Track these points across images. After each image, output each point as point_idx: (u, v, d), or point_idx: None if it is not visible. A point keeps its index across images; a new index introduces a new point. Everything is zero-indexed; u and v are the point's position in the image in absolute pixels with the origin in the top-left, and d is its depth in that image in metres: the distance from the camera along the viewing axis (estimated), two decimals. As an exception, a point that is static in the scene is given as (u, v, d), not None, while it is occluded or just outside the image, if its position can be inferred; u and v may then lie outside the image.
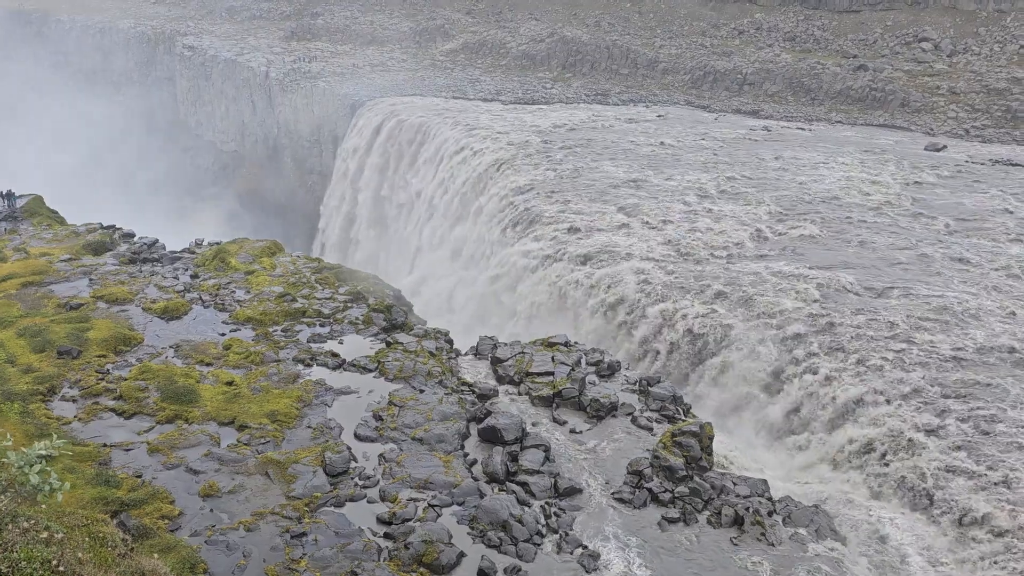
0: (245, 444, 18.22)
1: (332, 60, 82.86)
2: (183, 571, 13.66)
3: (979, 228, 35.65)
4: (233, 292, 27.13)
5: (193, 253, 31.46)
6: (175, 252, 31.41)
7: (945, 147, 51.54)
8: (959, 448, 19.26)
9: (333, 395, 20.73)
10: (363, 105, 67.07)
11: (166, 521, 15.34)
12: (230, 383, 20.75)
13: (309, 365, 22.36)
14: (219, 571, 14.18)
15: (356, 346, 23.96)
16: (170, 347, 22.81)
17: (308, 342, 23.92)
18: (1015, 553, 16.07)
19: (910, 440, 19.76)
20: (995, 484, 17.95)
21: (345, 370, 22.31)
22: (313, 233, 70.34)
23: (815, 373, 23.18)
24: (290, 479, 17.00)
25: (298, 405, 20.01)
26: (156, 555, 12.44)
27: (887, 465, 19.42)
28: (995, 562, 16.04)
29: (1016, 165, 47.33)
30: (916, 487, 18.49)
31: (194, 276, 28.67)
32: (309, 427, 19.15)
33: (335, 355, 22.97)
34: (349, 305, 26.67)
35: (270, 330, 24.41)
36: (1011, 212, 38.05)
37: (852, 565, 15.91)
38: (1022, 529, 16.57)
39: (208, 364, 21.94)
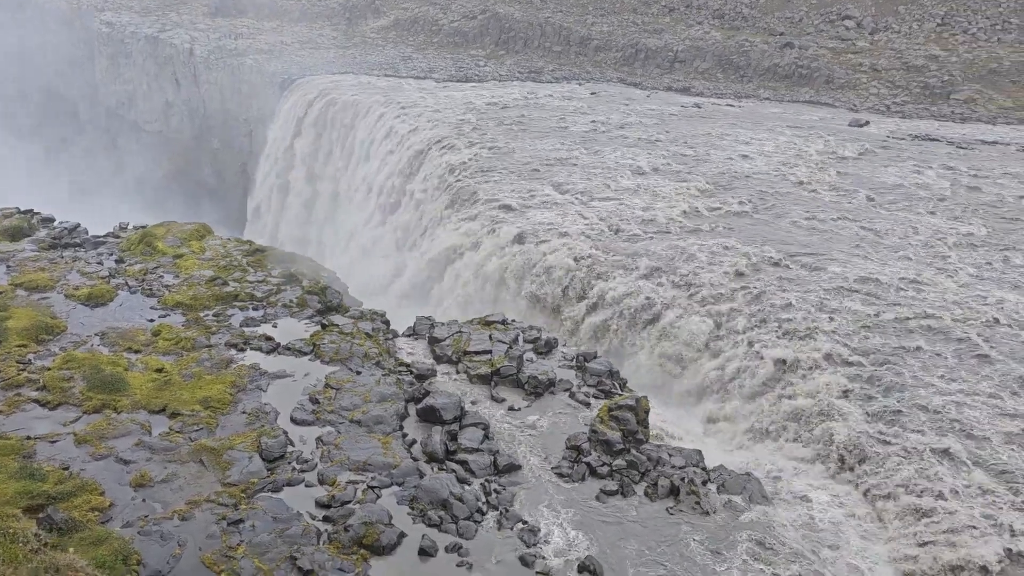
0: (177, 432, 17.83)
1: (259, 37, 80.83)
2: (116, 563, 13.35)
3: (900, 201, 36.89)
4: (161, 277, 26.42)
5: (117, 237, 30.47)
6: (98, 237, 30.34)
7: (868, 123, 53.08)
8: (881, 414, 20.01)
9: (268, 379, 20.43)
10: (293, 83, 65.62)
11: (96, 513, 14.94)
12: (160, 370, 20.26)
13: (242, 349, 21.97)
14: (153, 562, 13.90)
15: (291, 329, 23.63)
16: (96, 335, 22.12)
17: (241, 326, 23.50)
18: (933, 513, 16.80)
19: (834, 407, 20.44)
20: (914, 447, 18.71)
21: (280, 354, 22.00)
22: (244, 215, 68.80)
23: (745, 345, 23.74)
24: (225, 466, 16.72)
25: (232, 390, 19.65)
26: (72, 549, 12.11)
27: (813, 432, 20.07)
28: (915, 522, 16.76)
29: (934, 140, 49.04)
30: (841, 452, 19.16)
31: (119, 261, 27.79)
32: (244, 412, 18.85)
33: (269, 339, 22.62)
34: (283, 288, 26.24)
35: (201, 315, 23.88)
36: (929, 185, 39.46)
37: (782, 529, 16.45)
38: (939, 490, 17.32)
39: (137, 351, 21.36)
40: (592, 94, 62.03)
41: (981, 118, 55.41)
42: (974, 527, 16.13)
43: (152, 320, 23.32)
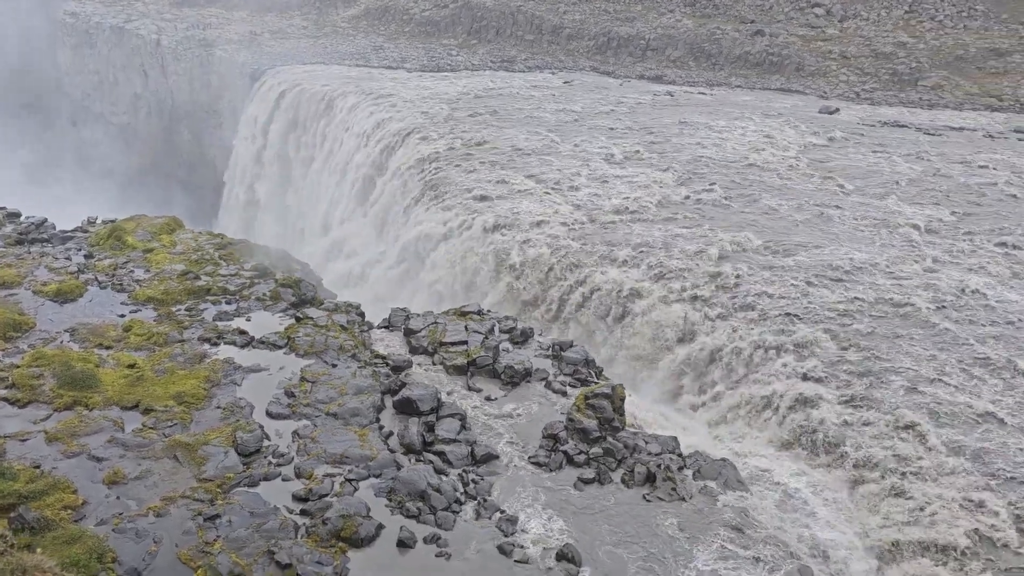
0: (151, 428, 17.65)
1: (228, 27, 79.84)
2: (90, 561, 13.22)
3: (869, 187, 37.31)
4: (132, 271, 26.11)
5: (86, 232, 30.04)
6: (66, 232, 29.91)
7: (838, 110, 53.56)
8: (853, 397, 20.28)
9: (242, 373, 20.28)
10: (264, 74, 64.95)
11: (69, 512, 14.77)
12: (132, 366, 20.02)
13: (216, 344, 21.79)
14: (129, 559, 13.77)
15: (265, 323, 23.46)
16: (65, 331, 21.81)
17: (214, 320, 23.30)
18: (905, 493, 17.09)
19: (808, 392, 20.69)
20: (886, 429, 19.00)
21: (254, 347, 21.84)
22: (215, 208, 68.11)
23: (720, 332, 23.93)
24: (200, 461, 16.59)
25: (206, 385, 19.49)
26: (41, 550, 11.97)
27: (788, 416, 20.30)
28: (887, 502, 17.04)
29: (902, 126, 49.61)
30: (815, 436, 19.41)
31: (88, 256, 27.41)
32: (218, 407, 18.69)
33: (243, 332, 22.45)
34: (256, 281, 26.04)
35: (173, 309, 23.65)
36: (898, 171, 39.93)
37: (758, 514, 16.63)
38: (910, 470, 17.62)
39: (108, 347, 21.10)
40: (565, 83, 61.99)
41: (948, 104, 56.10)
42: (945, 506, 16.42)
43: (123, 315, 23.04)
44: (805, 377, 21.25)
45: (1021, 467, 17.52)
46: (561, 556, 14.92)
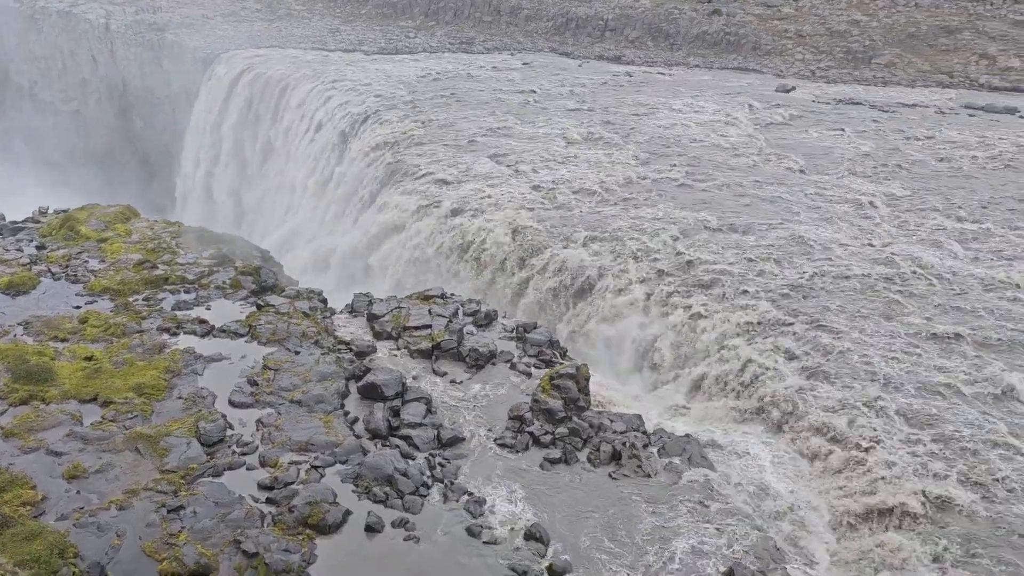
0: (111, 420, 17.36)
1: (179, 10, 78.16)
2: (51, 557, 13.01)
3: (825, 164, 37.86)
4: (86, 262, 25.57)
5: (37, 223, 29.31)
6: (16, 223, 29.15)
7: (794, 88, 54.18)
8: (811, 370, 20.66)
9: (203, 363, 20.02)
10: (217, 59, 63.74)
11: (28, 508, 14.50)
12: (89, 358, 19.65)
13: (175, 334, 21.47)
14: (91, 554, 13.58)
15: (225, 311, 23.17)
16: (19, 324, 21.31)
17: (173, 310, 22.94)
18: (862, 462, 17.49)
19: (768, 366, 21.03)
20: (842, 400, 19.41)
21: (215, 336, 21.58)
22: (171, 196, 66.91)
23: (681, 309, 24.18)
24: (162, 452, 16.38)
25: (166, 376, 19.21)
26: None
27: (748, 391, 20.63)
28: (845, 471, 17.44)
29: (856, 104, 50.38)
30: (775, 410, 19.76)
31: (40, 247, 26.78)
32: (180, 397, 18.45)
33: (203, 322, 22.15)
34: (215, 269, 25.67)
35: (130, 300, 23.22)
36: (854, 148, 40.57)
37: (721, 487, 16.91)
38: (867, 439, 18.03)
39: (63, 340, 20.67)
40: (524, 64, 61.80)
41: (901, 81, 57.07)
42: (900, 474, 16.84)
43: (78, 307, 22.57)
44: (764, 352, 21.58)
45: (971, 434, 18.02)
46: (529, 536, 15.03)
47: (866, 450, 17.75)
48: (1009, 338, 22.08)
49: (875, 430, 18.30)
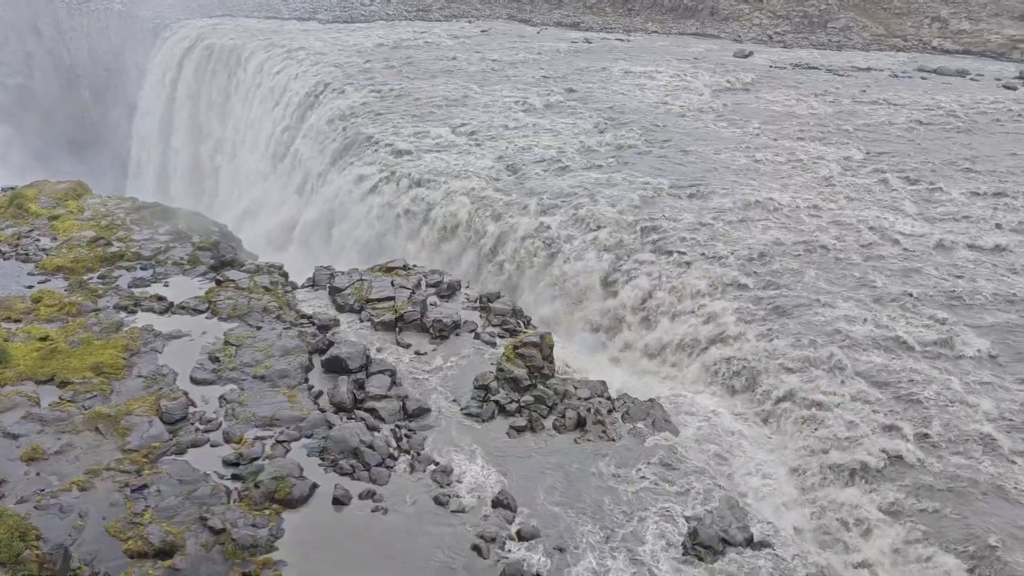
0: (69, 401, 17.08)
1: (126, -21, 75.59)
2: (12, 540, 12.81)
3: (783, 129, 38.16)
4: (37, 240, 24.97)
5: (-16, 201, 28.50)
6: (-38, 201, 28.31)
7: (752, 53, 54.34)
8: (771, 333, 20.99)
9: (163, 340, 19.75)
10: (168, 28, 62.09)
11: (-14, 492, 14.25)
12: (44, 338, 19.26)
13: (133, 311, 21.12)
14: (54, 536, 13.40)
15: (184, 287, 22.84)
16: (-31, 306, 20.79)
17: (130, 287, 22.57)
18: (821, 421, 17.89)
19: (728, 330, 21.32)
20: (802, 362, 19.78)
21: (174, 313, 21.28)
22: (124, 171, 65.37)
23: (642, 276, 24.35)
24: (124, 432, 16.17)
25: (125, 354, 18.91)
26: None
27: (710, 355, 20.92)
28: (805, 430, 17.82)
29: (813, 68, 50.74)
30: (736, 372, 20.08)
31: (-12, 226, 26.05)
32: (140, 376, 18.19)
33: (161, 298, 21.81)
34: (172, 245, 25.26)
35: (85, 278, 22.76)
36: (810, 113, 40.93)
37: (685, 450, 17.19)
38: (825, 399, 18.44)
39: (16, 320, 20.21)
40: (483, 32, 61.17)
41: (856, 45, 57.53)
42: (858, 431, 17.27)
43: (31, 287, 22.07)
44: (725, 316, 21.86)
45: (925, 391, 18.50)
46: (497, 503, 15.16)
47: (825, 409, 18.14)
48: (962, 297, 22.61)
49: (833, 389, 18.70)
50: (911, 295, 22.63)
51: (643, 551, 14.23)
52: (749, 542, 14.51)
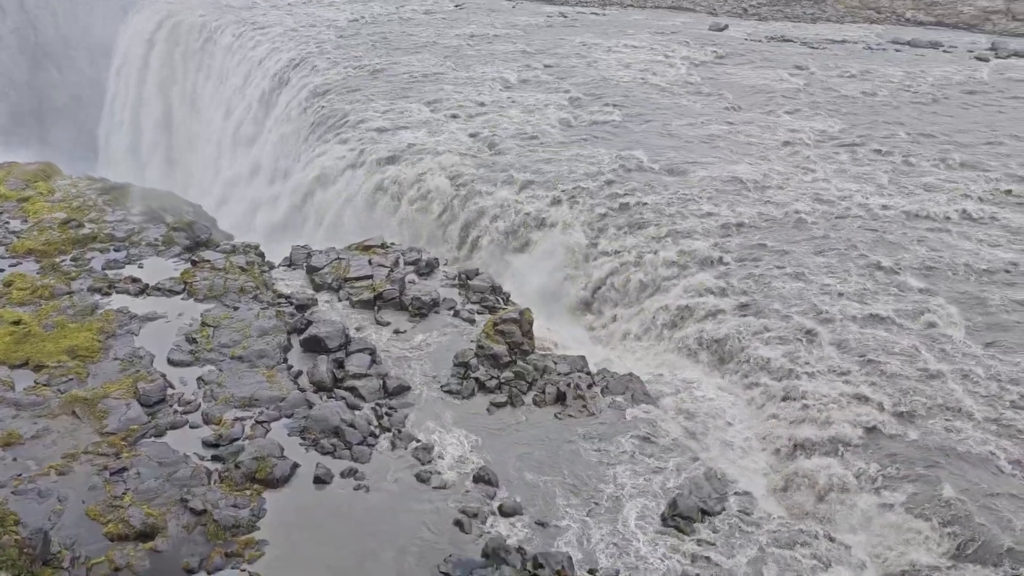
0: (44, 385, 16.92)
1: (91, -45, 73.92)
2: (-9, 526, 12.74)
3: (758, 102, 38.25)
4: (7, 223, 24.62)
5: (-49, 183, 27.97)
6: (-72, 184, 27.77)
7: (727, 26, 54.29)
8: (747, 307, 21.17)
9: (139, 322, 19.59)
10: (136, 5, 60.90)
11: (-38, 478, 14.13)
12: (17, 322, 19.02)
13: (108, 294, 20.91)
14: (33, 520, 13.31)
15: (159, 268, 22.63)
16: (-61, 290, 20.48)
17: (104, 269, 22.33)
18: (799, 394, 18.11)
19: (706, 304, 21.47)
20: (779, 335, 19.98)
21: (149, 295, 21.11)
22: (94, 152, 64.30)
23: (620, 252, 24.43)
24: (101, 415, 16.06)
25: (100, 337, 18.74)
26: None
27: (687, 329, 21.07)
28: (783, 403, 18.03)
29: (788, 41, 50.79)
30: (714, 346, 20.24)
31: (-44, 209, 25.60)
32: (116, 359, 18.05)
33: (136, 280, 21.61)
34: (145, 226, 24.99)
35: (57, 260, 22.49)
36: (785, 86, 41.01)
37: (664, 423, 17.36)
38: (803, 371, 18.66)
39: (-12, 304, 19.94)
40: (457, 6, 60.59)
41: (830, 18, 57.65)
42: (832, 402, 17.50)
43: (2, 270, 21.77)
44: (702, 290, 22.00)
45: (899, 361, 18.76)
46: (478, 479, 15.26)
47: (800, 380, 18.36)
48: (936, 269, 22.87)
49: (810, 361, 18.91)
50: (885, 266, 22.86)
51: (623, 523, 14.40)
52: (727, 511, 14.72)
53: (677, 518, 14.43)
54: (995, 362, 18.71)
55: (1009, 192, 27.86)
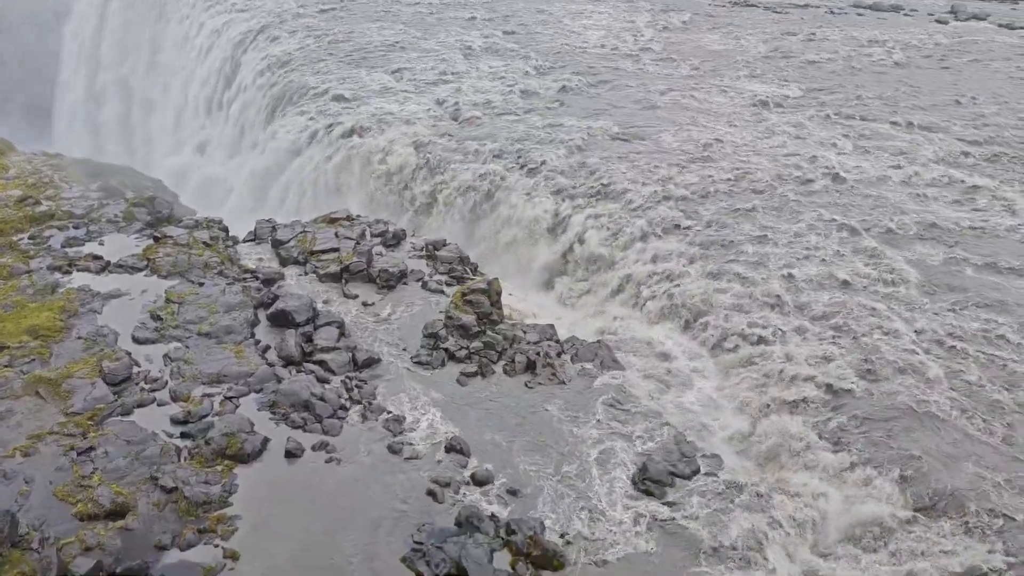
0: (6, 366, 16.62)
1: (37, -78, 71.48)
2: (-44, 510, 12.55)
3: (723, 68, 38.32)
4: (-40, 202, 23.95)
5: (-100, 161, 27.17)
6: None
7: (691, -9, 54.11)
8: (716, 272, 21.34)
9: (101, 300, 19.28)
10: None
11: (-76, 462, 13.89)
12: (-25, 303, 18.63)
13: (68, 272, 20.54)
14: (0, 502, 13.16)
15: (120, 245, 22.26)
16: None
17: (63, 247, 21.92)
18: (765, 356, 18.38)
19: (674, 269, 21.63)
20: (746, 298, 20.21)
21: (111, 272, 20.77)
22: (48, 127, 62.73)
23: (587, 218, 24.46)
24: (66, 395, 15.84)
25: (62, 316, 18.42)
26: None
27: (656, 295, 21.22)
28: (750, 365, 18.30)
29: (751, 6, 50.82)
30: (682, 311, 20.42)
31: (-94, 188, 24.89)
32: (79, 338, 17.76)
33: (97, 258, 21.24)
34: (105, 202, 24.54)
35: (14, 239, 22.04)
36: (749, 51, 41.11)
37: (633, 388, 17.54)
38: (769, 333, 18.92)
39: (-56, 285, 19.49)
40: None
41: (793, -18, 57.59)
42: (799, 364, 17.78)
43: (-43, 250, 21.27)
44: (669, 256, 22.14)
45: (863, 323, 19.08)
46: (450, 448, 15.33)
47: (767, 343, 18.62)
48: (898, 231, 23.20)
49: (776, 324, 19.18)
50: (848, 228, 23.16)
51: (595, 489, 14.58)
52: (696, 474, 14.98)
53: (647, 482, 14.64)
54: (956, 322, 19.11)
55: (967, 154, 28.29)
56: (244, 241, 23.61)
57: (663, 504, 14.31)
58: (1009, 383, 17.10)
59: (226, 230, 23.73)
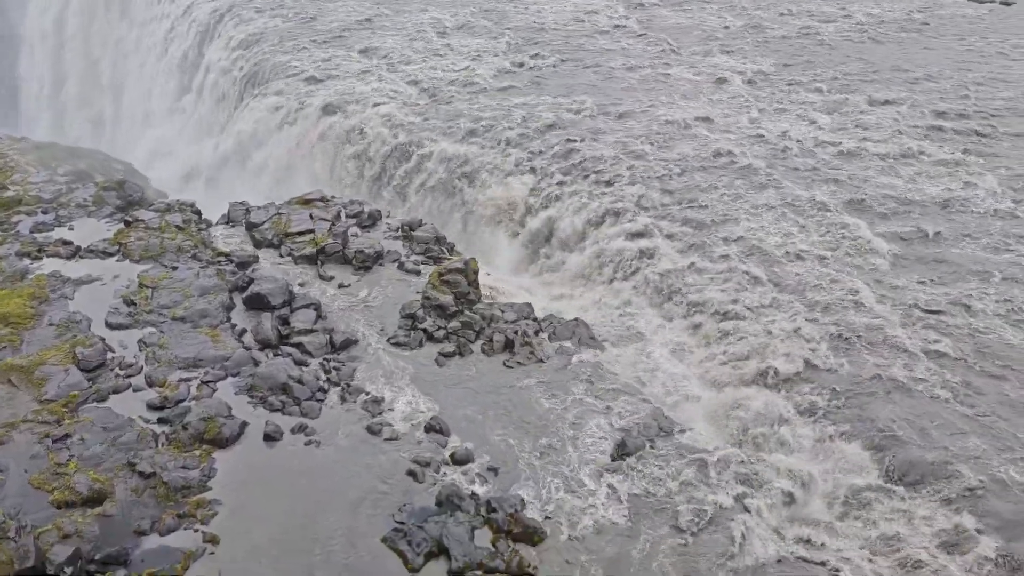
0: (-23, 354, 16.38)
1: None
2: (-71, 501, 12.41)
3: (695, 44, 38.29)
4: (-76, 188, 23.49)
5: None
6: None
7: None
8: (689, 248, 21.48)
9: (73, 286, 19.01)
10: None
11: None
12: (-57, 291, 18.31)
13: (38, 258, 20.22)
14: (-26, 492, 13.02)
15: (91, 230, 21.94)
16: None
17: (32, 233, 21.59)
18: (740, 331, 18.55)
19: (648, 247, 21.72)
20: (720, 273, 20.37)
21: (82, 257, 20.47)
22: (13, 111, 61.52)
23: (562, 197, 24.46)
24: (39, 383, 15.65)
25: (33, 303, 18.15)
26: None
27: (631, 271, 21.32)
28: (725, 340, 18.47)
29: (725, -19, 50.63)
30: (657, 288, 20.54)
31: None
32: (51, 324, 17.52)
33: (67, 243, 20.92)
34: (74, 186, 24.17)
35: (-19, 226, 21.60)
36: (723, 26, 41.11)
37: (611, 365, 17.64)
38: (743, 308, 19.08)
39: (-90, 274, 19.13)
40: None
41: (766, -44, 57.49)
42: (773, 338, 17.97)
43: (-78, 237, 20.87)
44: (644, 233, 22.21)
45: (835, 297, 19.31)
46: (429, 428, 15.35)
47: (742, 318, 18.79)
48: (871, 204, 23.43)
49: (750, 298, 19.34)
50: (822, 202, 23.34)
51: (574, 465, 14.68)
52: (674, 449, 15.11)
53: (626, 457, 14.77)
54: (927, 294, 19.38)
55: (939, 128, 28.54)
56: (217, 224, 23.35)
57: (641, 478, 14.45)
58: (981, 354, 17.40)
59: (199, 213, 23.45)
